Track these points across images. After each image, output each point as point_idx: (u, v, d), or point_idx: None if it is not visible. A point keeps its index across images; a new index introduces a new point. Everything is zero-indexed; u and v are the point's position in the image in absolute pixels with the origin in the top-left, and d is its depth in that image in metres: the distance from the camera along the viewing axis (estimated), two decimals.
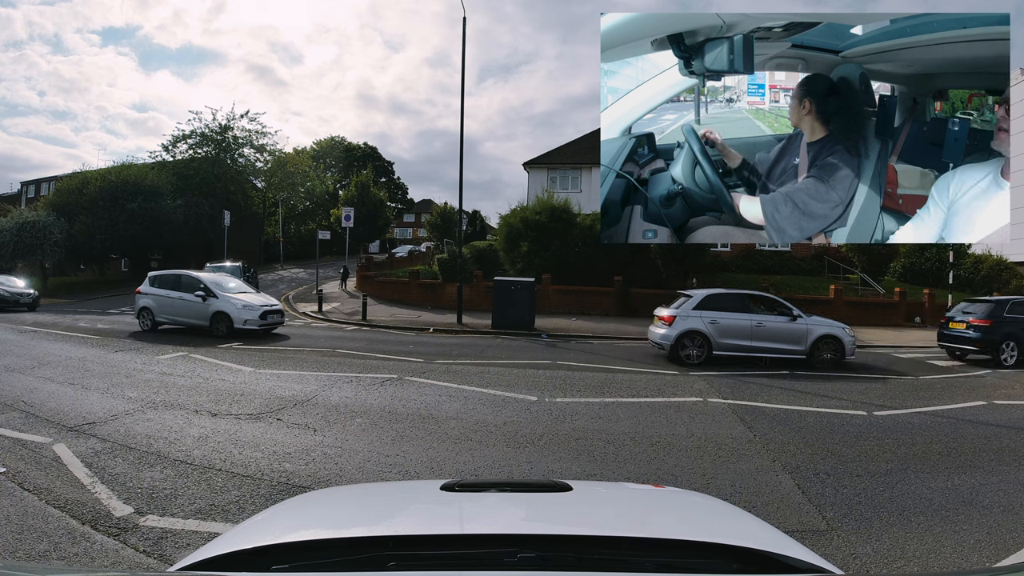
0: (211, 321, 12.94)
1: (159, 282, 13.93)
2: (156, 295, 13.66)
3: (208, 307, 13.01)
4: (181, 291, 13.40)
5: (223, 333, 12.75)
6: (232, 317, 12.77)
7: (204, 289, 13.19)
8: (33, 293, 21.16)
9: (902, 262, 24.89)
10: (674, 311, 10.71)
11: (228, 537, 1.29)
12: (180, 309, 13.36)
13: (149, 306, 13.70)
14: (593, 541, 1.20)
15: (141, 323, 13.78)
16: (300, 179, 44.01)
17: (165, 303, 13.54)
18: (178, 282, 13.69)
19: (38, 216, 30.29)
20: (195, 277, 13.77)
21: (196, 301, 13.12)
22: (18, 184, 53.76)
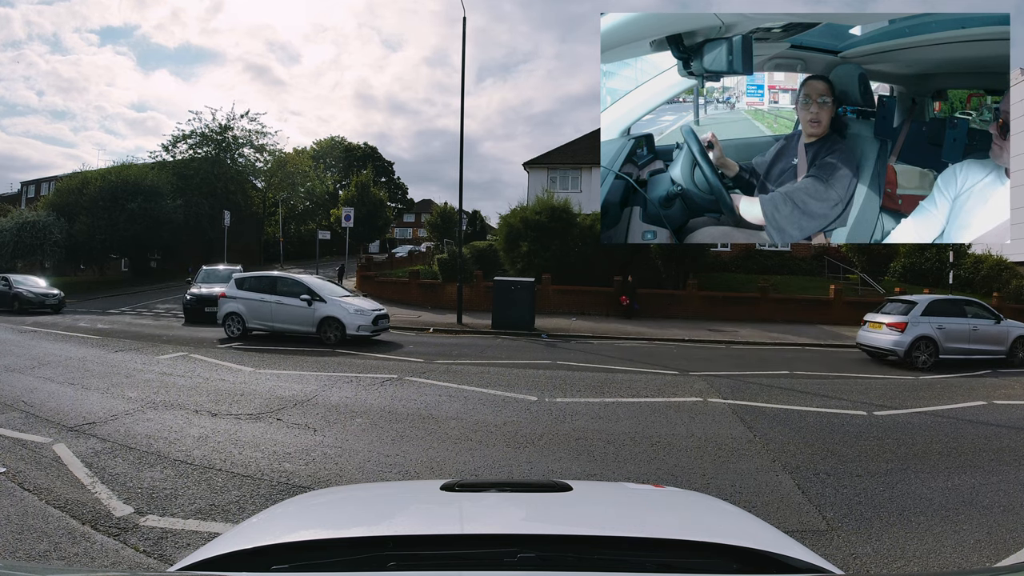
0: (318, 327, 11.92)
1: (249, 284, 12.74)
2: (247, 299, 12.46)
3: (315, 312, 11.96)
4: (279, 295, 12.30)
5: (333, 341, 11.76)
6: (345, 323, 11.77)
7: (309, 292, 12.16)
8: (58, 294, 19.74)
9: (902, 262, 24.87)
10: (903, 317, 10.96)
11: (228, 537, 1.29)
12: (280, 315, 12.24)
13: (238, 311, 12.44)
14: (593, 541, 1.20)
15: (227, 330, 12.52)
16: (300, 179, 44.02)
17: (259, 308, 12.35)
18: (274, 285, 12.62)
19: (38, 216, 30.30)
20: (296, 279, 12.77)
21: (300, 306, 12.05)
22: (18, 184, 53.79)
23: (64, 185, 33.21)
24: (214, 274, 17.59)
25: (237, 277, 13.27)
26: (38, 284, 20.10)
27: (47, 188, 43.52)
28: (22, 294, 18.88)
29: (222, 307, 12.76)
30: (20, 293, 18.87)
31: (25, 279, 20.24)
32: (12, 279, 19.61)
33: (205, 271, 17.76)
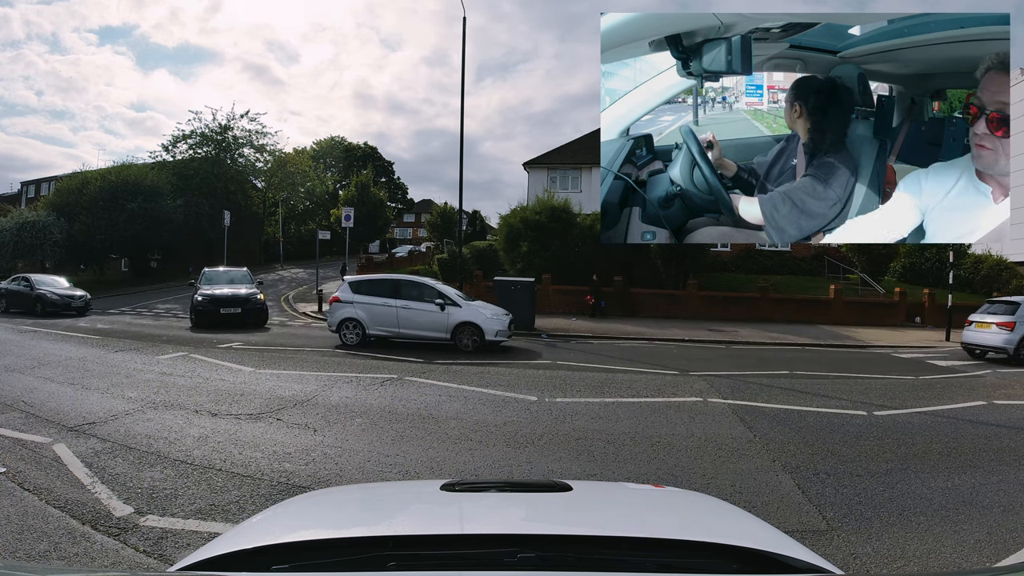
0: (453, 333, 11.20)
1: (368, 288, 11.90)
2: (367, 304, 11.64)
3: (448, 318, 11.24)
4: (406, 298, 11.54)
5: (470, 348, 11.07)
6: (484, 328, 11.14)
7: (441, 296, 11.44)
8: (84, 295, 18.33)
9: (902, 262, 24.89)
10: (1010, 317, 11.52)
11: (228, 537, 1.29)
12: (408, 320, 11.47)
13: (358, 317, 11.62)
14: (593, 541, 1.20)
15: (344, 337, 11.69)
16: (300, 179, 44.06)
17: (382, 313, 11.55)
18: (397, 288, 11.78)
19: (38, 216, 30.32)
20: (423, 282, 12.09)
21: (431, 311, 11.33)
22: (18, 184, 53.82)
23: (64, 185, 33.25)
24: (220, 275, 16.65)
25: (351, 280, 12.31)
26: (61, 285, 18.70)
27: (47, 188, 43.55)
28: (45, 296, 17.54)
29: (335, 312, 11.84)
30: (43, 295, 17.54)
31: (47, 279, 18.90)
32: (34, 279, 18.32)
33: (210, 272, 16.85)
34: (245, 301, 15.20)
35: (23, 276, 18.96)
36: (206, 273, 16.51)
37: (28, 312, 17.39)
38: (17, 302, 18.10)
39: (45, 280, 18.64)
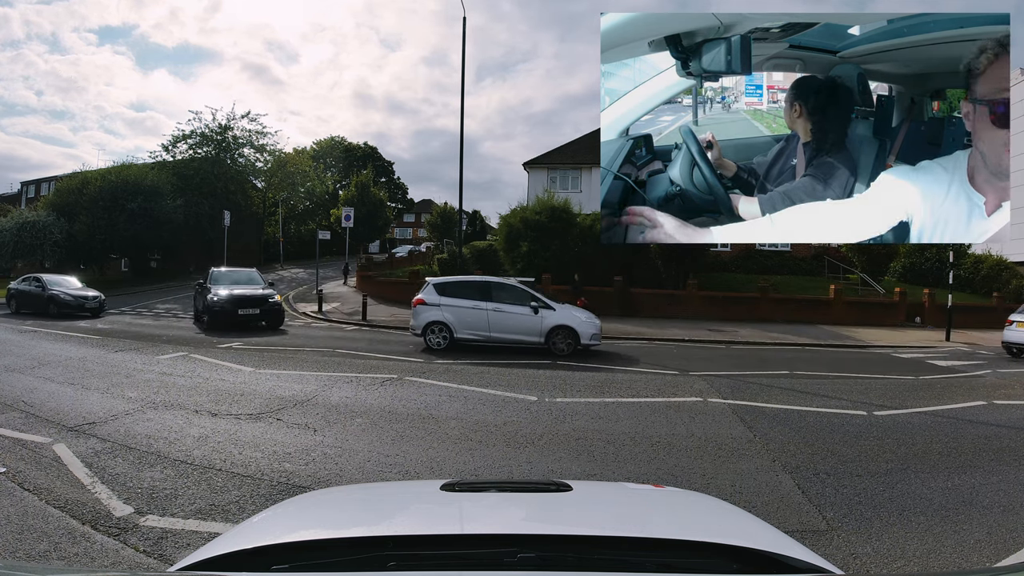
0: (547, 337, 10.88)
1: (454, 289, 11.45)
2: (455, 307, 11.19)
3: (543, 321, 10.88)
4: (497, 301, 11.13)
5: (565, 352, 10.74)
6: (579, 332, 10.82)
7: (535, 299, 11.08)
8: (98, 296, 17.79)
9: (902, 262, 24.90)
10: None
11: (228, 537, 1.29)
12: (500, 323, 11.03)
13: (445, 320, 11.14)
14: (593, 541, 1.20)
15: (430, 340, 11.22)
16: (300, 179, 44.06)
17: (472, 316, 11.12)
18: (487, 290, 11.35)
19: (38, 216, 30.32)
20: (513, 284, 11.68)
21: (524, 314, 10.93)
22: (18, 184, 53.86)
23: (64, 185, 33.25)
24: (230, 275, 15.75)
25: (436, 282, 11.81)
26: (74, 285, 18.22)
27: (47, 188, 43.56)
28: (58, 296, 16.99)
29: (420, 315, 11.36)
30: (56, 295, 17.00)
31: (59, 280, 18.28)
32: (46, 280, 17.83)
33: (219, 272, 15.89)
34: (263, 302, 14.64)
35: (34, 276, 18.44)
36: (214, 273, 15.65)
37: (40, 313, 16.92)
38: (28, 303, 17.67)
39: (57, 280, 18.12)
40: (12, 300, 18.30)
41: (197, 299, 15.91)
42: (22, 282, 18.56)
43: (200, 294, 15.42)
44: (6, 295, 19.08)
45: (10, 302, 18.39)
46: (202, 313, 15.10)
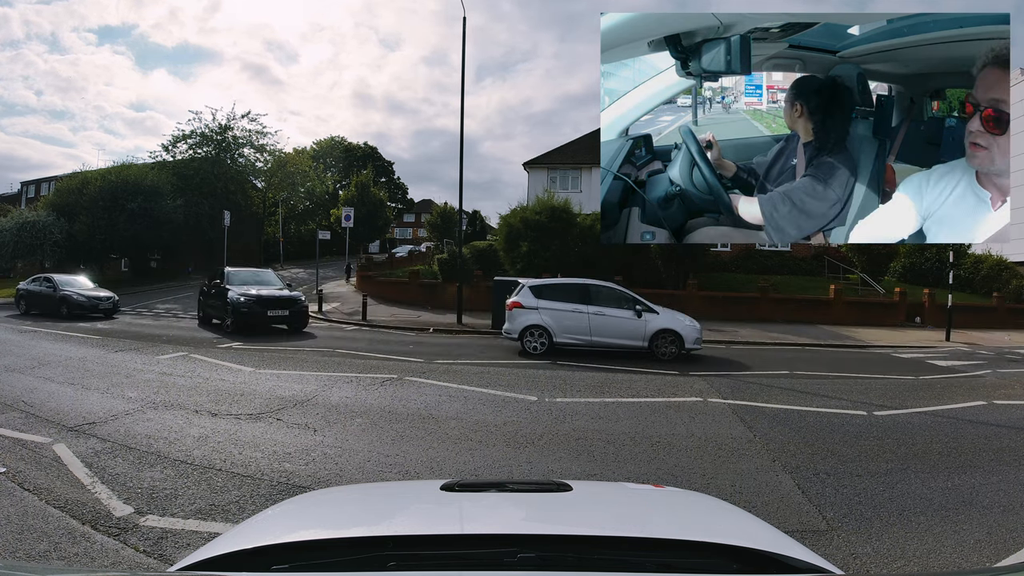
0: (650, 342, 10.65)
1: (552, 292, 11.15)
2: (554, 310, 10.88)
3: (646, 325, 10.66)
4: (599, 304, 10.88)
5: (668, 356, 10.52)
6: (684, 336, 10.62)
7: (637, 302, 10.87)
8: (112, 297, 17.51)
9: (902, 262, 24.90)
10: None
11: (228, 537, 1.29)
12: (602, 327, 10.78)
13: (544, 324, 10.83)
14: (593, 541, 1.20)
15: (527, 345, 10.93)
16: (300, 179, 44.06)
17: (572, 319, 10.84)
18: (587, 293, 11.05)
19: (38, 216, 30.32)
20: (613, 287, 11.44)
21: (627, 317, 10.72)
22: (18, 184, 53.87)
23: (64, 185, 33.25)
24: (249, 276, 14.94)
25: (533, 285, 11.48)
26: (86, 286, 17.90)
27: (47, 188, 43.57)
28: (71, 297, 16.65)
29: (517, 318, 11.02)
30: (68, 296, 16.68)
31: (71, 280, 17.96)
32: (57, 280, 17.49)
33: (236, 272, 15.03)
34: (293, 303, 13.91)
35: (45, 277, 18.15)
36: (231, 273, 14.73)
37: (51, 315, 16.56)
38: (38, 304, 17.37)
39: (69, 281, 17.81)
40: (22, 301, 18.07)
41: (207, 300, 15.07)
42: (32, 282, 18.26)
43: (212, 295, 14.65)
44: (15, 296, 18.85)
45: (19, 303, 18.16)
46: (217, 315, 14.39)
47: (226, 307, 13.60)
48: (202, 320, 15.50)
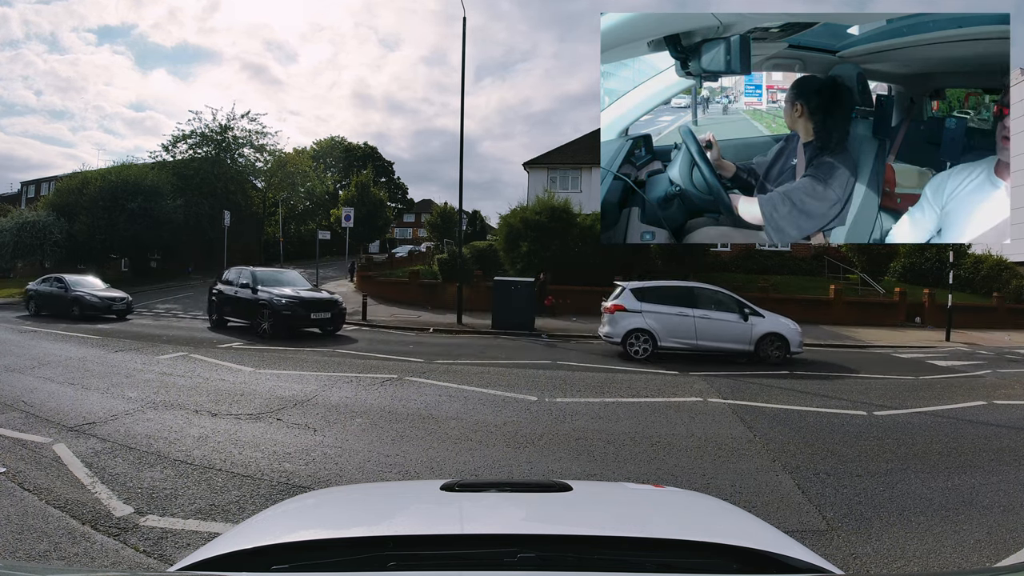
0: (757, 345, 10.58)
1: (655, 295, 10.96)
2: (659, 313, 10.69)
3: (752, 329, 10.60)
4: (704, 307, 10.75)
5: (773, 360, 10.51)
6: (789, 340, 10.58)
7: (742, 304, 10.84)
8: (126, 297, 17.12)
9: (902, 262, 24.90)
10: None
11: (228, 537, 1.29)
12: (707, 331, 10.65)
13: (648, 327, 10.63)
14: (593, 541, 1.20)
15: (630, 349, 10.74)
16: (300, 179, 44.03)
17: (678, 323, 10.65)
18: (691, 296, 10.91)
19: (38, 216, 30.32)
20: (719, 291, 11.27)
21: (733, 321, 10.66)
22: (18, 184, 53.85)
23: (64, 185, 33.24)
24: (275, 276, 14.30)
25: (635, 287, 11.23)
26: (98, 286, 17.49)
27: (47, 188, 43.56)
28: (84, 298, 16.27)
29: (620, 322, 10.81)
30: (81, 297, 16.31)
31: (82, 280, 17.58)
32: (69, 280, 17.13)
33: (266, 272, 14.46)
34: (334, 305, 13.32)
35: (55, 277, 17.78)
36: (258, 273, 14.00)
37: (62, 315, 16.22)
38: (49, 304, 17.06)
39: (81, 281, 17.42)
40: (31, 302, 17.75)
41: (226, 301, 14.19)
42: (42, 283, 17.90)
43: (234, 297, 13.86)
44: (24, 296, 18.52)
45: (29, 304, 17.87)
46: (242, 317, 13.72)
47: (258, 309, 12.90)
48: (216, 323, 14.74)
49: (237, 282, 14.05)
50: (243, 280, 13.82)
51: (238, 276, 14.23)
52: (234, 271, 14.75)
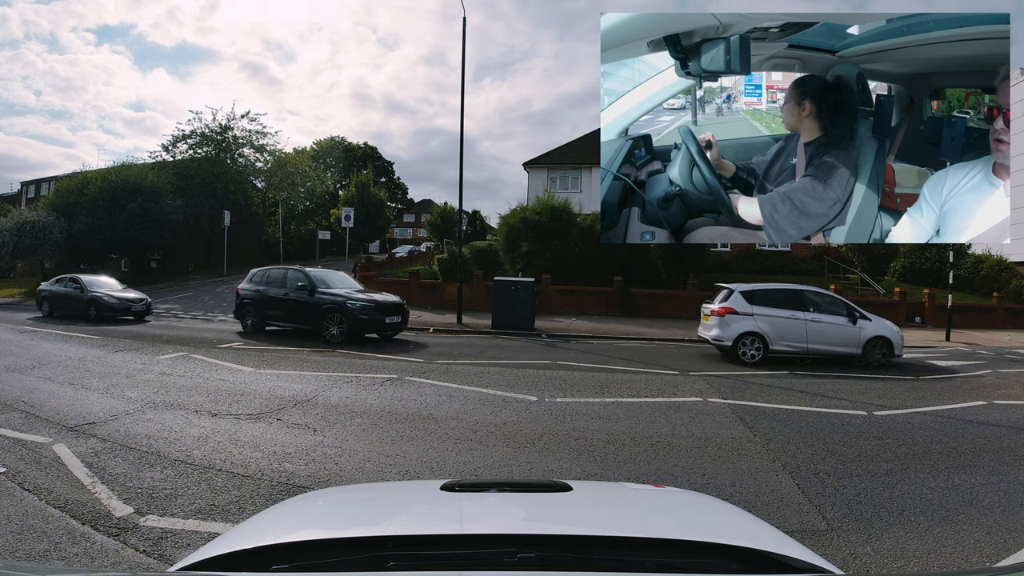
0: (864, 349, 10.61)
1: (764, 298, 10.88)
2: (770, 316, 10.62)
3: (860, 332, 10.64)
4: (814, 311, 10.74)
5: (877, 363, 10.59)
6: (894, 343, 10.68)
7: (848, 307, 10.90)
8: (145, 299, 16.61)
9: (902, 262, 24.90)
10: None
11: (228, 537, 1.29)
12: (818, 335, 10.64)
13: (760, 330, 10.58)
14: (593, 541, 1.20)
15: (742, 353, 10.64)
16: (300, 179, 44.06)
17: (789, 327, 10.61)
18: (801, 299, 10.89)
19: (38, 216, 30.30)
20: (826, 293, 11.31)
21: (842, 324, 10.68)
22: (18, 184, 53.85)
23: (64, 185, 33.24)
24: (332, 277, 13.55)
25: (744, 290, 11.07)
26: (114, 286, 16.95)
27: (47, 188, 43.57)
28: (101, 299, 15.77)
29: (731, 325, 10.72)
30: (99, 298, 15.81)
31: (98, 281, 17.06)
32: (84, 281, 16.66)
33: (320, 272, 13.63)
34: (401, 308, 12.88)
35: (70, 277, 17.37)
36: (314, 274, 13.25)
37: (78, 317, 15.77)
38: (64, 306, 16.59)
39: (97, 282, 16.92)
40: (44, 303, 17.21)
41: (269, 304, 13.23)
42: (56, 283, 17.47)
43: (281, 298, 12.95)
44: (37, 297, 17.85)
45: (42, 305, 17.31)
46: (296, 322, 12.88)
47: (323, 313, 12.24)
48: (254, 327, 13.50)
49: (283, 283, 13.10)
50: (297, 282, 12.93)
51: (281, 277, 13.29)
52: (271, 271, 13.88)
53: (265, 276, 13.77)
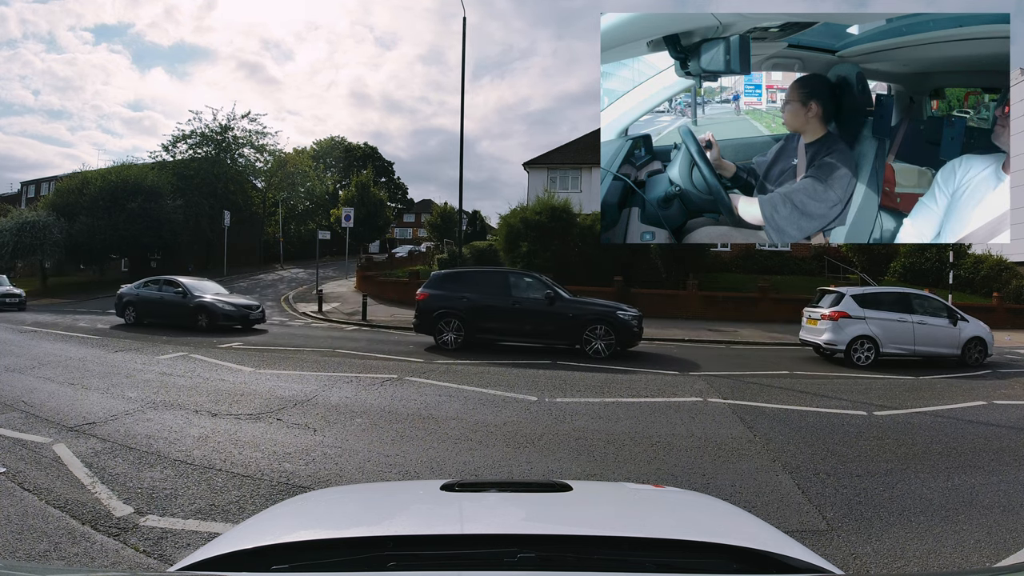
0: (963, 349, 10.82)
1: (874, 302, 11.00)
2: (881, 319, 10.72)
3: (960, 333, 10.83)
4: (920, 313, 10.90)
5: (972, 362, 10.77)
6: (987, 343, 10.97)
7: (953, 311, 11.09)
8: (259, 306, 15.06)
9: (902, 262, 24.89)
10: None
11: (228, 537, 1.29)
12: (924, 336, 10.77)
13: (872, 334, 10.64)
14: (593, 541, 1.20)
15: (855, 357, 10.68)
16: (300, 179, 44.10)
17: (899, 329, 10.72)
18: (907, 302, 11.07)
19: (38, 216, 30.33)
20: (928, 296, 11.47)
21: (944, 326, 10.84)
22: (18, 184, 53.88)
23: (64, 185, 33.29)
24: (471, 278, 12.30)
25: (856, 294, 11.17)
26: (221, 291, 15.01)
27: (47, 188, 43.60)
28: (214, 306, 13.83)
29: (845, 329, 10.72)
30: (209, 305, 13.85)
31: (200, 285, 14.91)
32: (188, 286, 14.50)
33: (441, 273, 12.95)
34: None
35: (166, 280, 15.17)
36: (438, 273, 12.79)
37: (181, 326, 13.94)
38: (158, 312, 14.54)
39: (200, 286, 14.80)
40: (130, 308, 14.75)
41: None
42: (144, 287, 15.12)
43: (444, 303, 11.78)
44: (117, 302, 15.26)
45: (125, 311, 14.79)
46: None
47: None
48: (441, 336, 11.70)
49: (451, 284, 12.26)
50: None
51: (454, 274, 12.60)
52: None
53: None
